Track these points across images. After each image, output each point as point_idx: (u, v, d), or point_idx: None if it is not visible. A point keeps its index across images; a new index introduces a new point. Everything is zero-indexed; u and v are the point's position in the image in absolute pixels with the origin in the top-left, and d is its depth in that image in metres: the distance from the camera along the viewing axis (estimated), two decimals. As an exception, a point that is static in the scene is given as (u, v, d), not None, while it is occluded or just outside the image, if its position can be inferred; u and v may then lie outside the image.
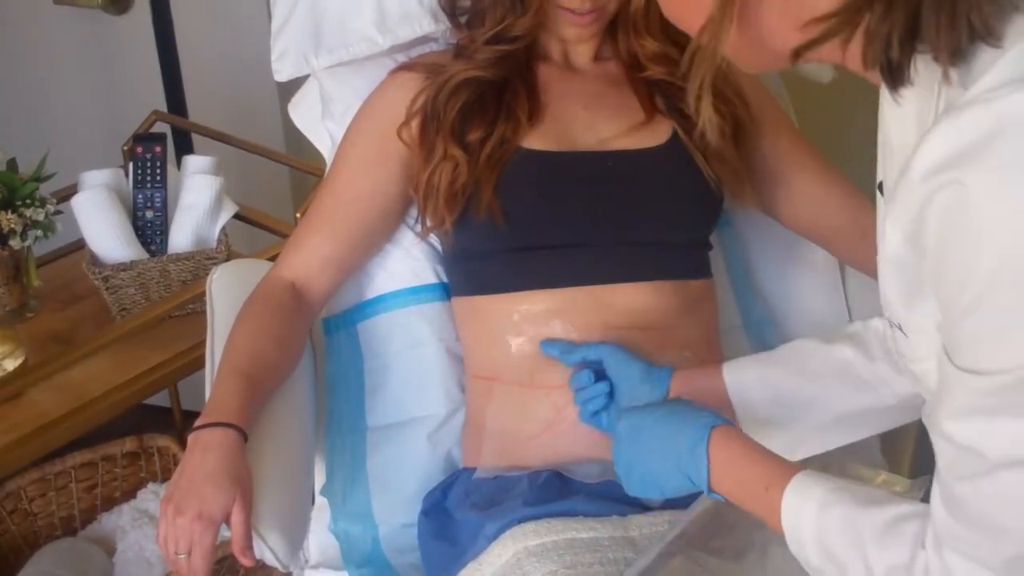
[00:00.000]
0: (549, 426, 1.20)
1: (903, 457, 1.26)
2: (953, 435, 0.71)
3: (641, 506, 1.12)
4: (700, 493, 0.95)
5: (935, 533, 0.74)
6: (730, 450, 0.93)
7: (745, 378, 1.12)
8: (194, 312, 1.67)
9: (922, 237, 0.70)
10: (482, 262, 1.26)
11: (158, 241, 1.70)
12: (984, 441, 0.69)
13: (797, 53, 0.76)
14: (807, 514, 0.83)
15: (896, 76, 0.72)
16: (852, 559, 0.80)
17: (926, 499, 0.96)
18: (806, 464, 0.90)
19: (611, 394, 1.16)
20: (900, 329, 0.82)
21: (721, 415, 0.97)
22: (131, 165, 1.71)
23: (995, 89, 0.66)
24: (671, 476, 0.96)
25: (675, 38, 1.28)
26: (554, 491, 1.14)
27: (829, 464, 1.07)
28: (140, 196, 1.70)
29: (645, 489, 1.01)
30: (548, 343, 1.20)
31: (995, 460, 0.68)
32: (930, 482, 0.77)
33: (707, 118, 0.82)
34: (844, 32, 0.73)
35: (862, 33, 0.72)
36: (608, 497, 1.12)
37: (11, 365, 1.53)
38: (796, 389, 1.10)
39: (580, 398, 1.17)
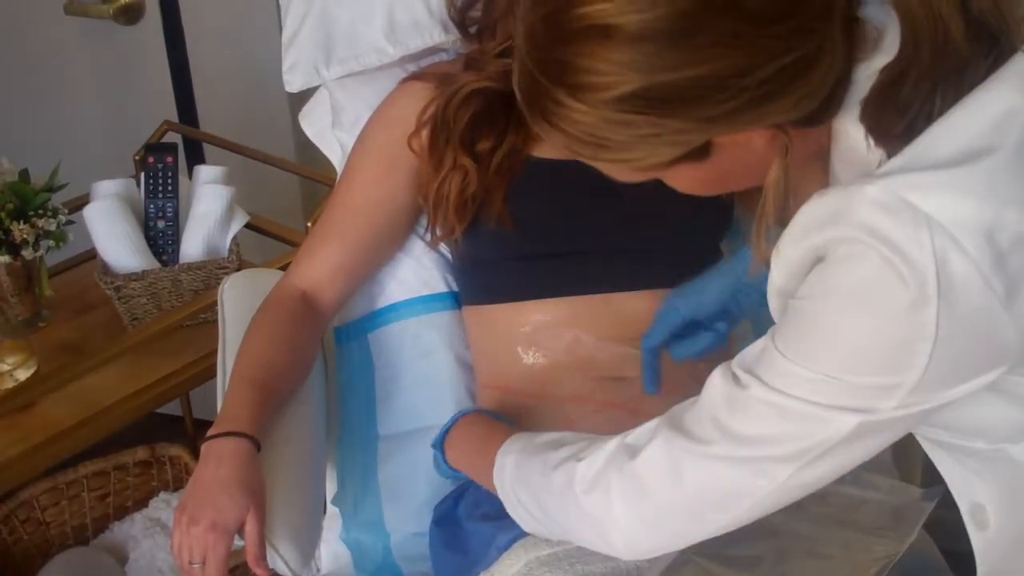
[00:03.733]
0: (560, 438, 1.19)
1: (915, 467, 1.25)
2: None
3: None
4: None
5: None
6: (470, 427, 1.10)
7: None
8: (206, 321, 1.67)
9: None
10: (492, 270, 1.26)
11: (170, 251, 1.71)
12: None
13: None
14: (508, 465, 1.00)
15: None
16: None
17: (937, 507, 0.96)
18: None
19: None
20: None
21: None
22: (143, 175, 1.71)
23: (887, 172, 0.74)
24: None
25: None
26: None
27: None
28: (152, 206, 1.70)
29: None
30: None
31: (752, 394, 0.81)
32: (942, 491, 0.77)
33: (763, 251, 0.89)
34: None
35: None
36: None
37: (23, 375, 1.53)
38: None
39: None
